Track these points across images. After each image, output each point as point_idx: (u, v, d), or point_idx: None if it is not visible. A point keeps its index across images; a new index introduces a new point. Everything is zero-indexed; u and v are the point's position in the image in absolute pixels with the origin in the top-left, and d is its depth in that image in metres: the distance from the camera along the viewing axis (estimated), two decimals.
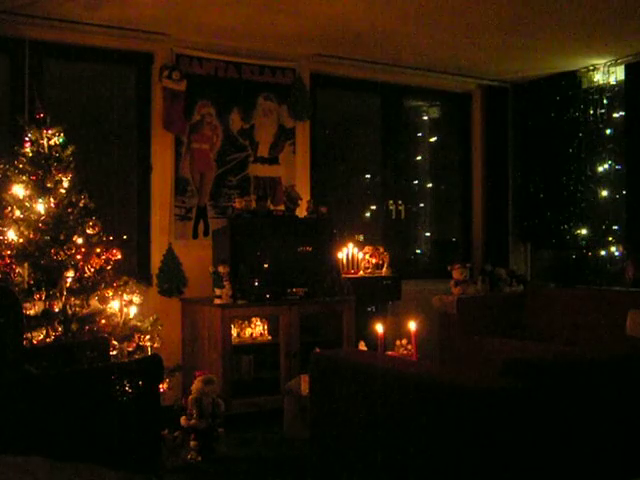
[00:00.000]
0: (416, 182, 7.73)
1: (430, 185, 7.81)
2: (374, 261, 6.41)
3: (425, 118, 7.88)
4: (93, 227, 4.70)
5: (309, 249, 5.87)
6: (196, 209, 6.12)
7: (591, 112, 7.02)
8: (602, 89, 6.94)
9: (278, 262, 5.74)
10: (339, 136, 7.21)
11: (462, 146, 7.81)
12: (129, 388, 3.15)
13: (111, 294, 4.70)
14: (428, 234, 7.82)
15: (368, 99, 7.28)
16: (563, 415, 2.71)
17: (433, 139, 7.87)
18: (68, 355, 3.74)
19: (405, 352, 4.98)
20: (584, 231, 7.13)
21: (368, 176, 7.51)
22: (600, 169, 7.04)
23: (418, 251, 7.79)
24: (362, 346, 5.00)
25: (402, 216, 7.28)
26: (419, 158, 7.75)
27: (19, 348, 3.24)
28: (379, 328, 4.67)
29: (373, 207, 7.41)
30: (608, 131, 6.96)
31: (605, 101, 6.94)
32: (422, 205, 7.75)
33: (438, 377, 2.80)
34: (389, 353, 4.99)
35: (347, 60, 6.70)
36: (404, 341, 5.05)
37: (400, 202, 7.27)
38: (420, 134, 7.84)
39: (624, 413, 2.95)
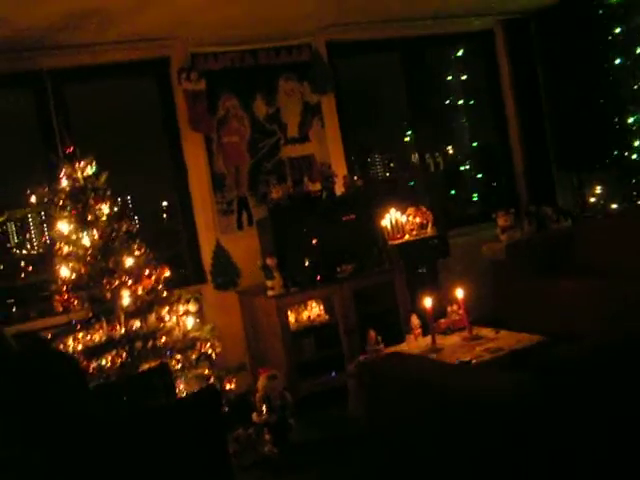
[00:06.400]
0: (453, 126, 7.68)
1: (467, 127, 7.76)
2: (418, 220, 6.42)
3: (451, 59, 7.79)
4: (138, 249, 4.89)
5: (352, 223, 5.93)
6: (237, 201, 6.24)
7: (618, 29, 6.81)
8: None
9: (323, 243, 5.80)
10: (365, 101, 7.17)
11: (491, 85, 7.68)
12: (190, 423, 3.35)
13: (167, 310, 4.90)
14: (479, 175, 7.75)
15: (388, 58, 7.20)
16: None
17: (463, 78, 7.77)
18: (132, 388, 3.95)
19: (457, 317, 5.07)
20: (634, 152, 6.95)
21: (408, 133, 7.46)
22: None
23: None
24: (415, 320, 5.07)
25: (441, 167, 7.26)
26: (448, 102, 7.68)
27: (84, 396, 3.45)
28: (427, 302, 4.75)
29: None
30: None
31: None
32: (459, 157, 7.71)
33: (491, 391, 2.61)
34: (441, 322, 5.08)
35: (361, 24, 6.61)
36: (455, 306, 5.13)
37: (437, 154, 7.23)
38: (450, 77, 7.76)
39: None
